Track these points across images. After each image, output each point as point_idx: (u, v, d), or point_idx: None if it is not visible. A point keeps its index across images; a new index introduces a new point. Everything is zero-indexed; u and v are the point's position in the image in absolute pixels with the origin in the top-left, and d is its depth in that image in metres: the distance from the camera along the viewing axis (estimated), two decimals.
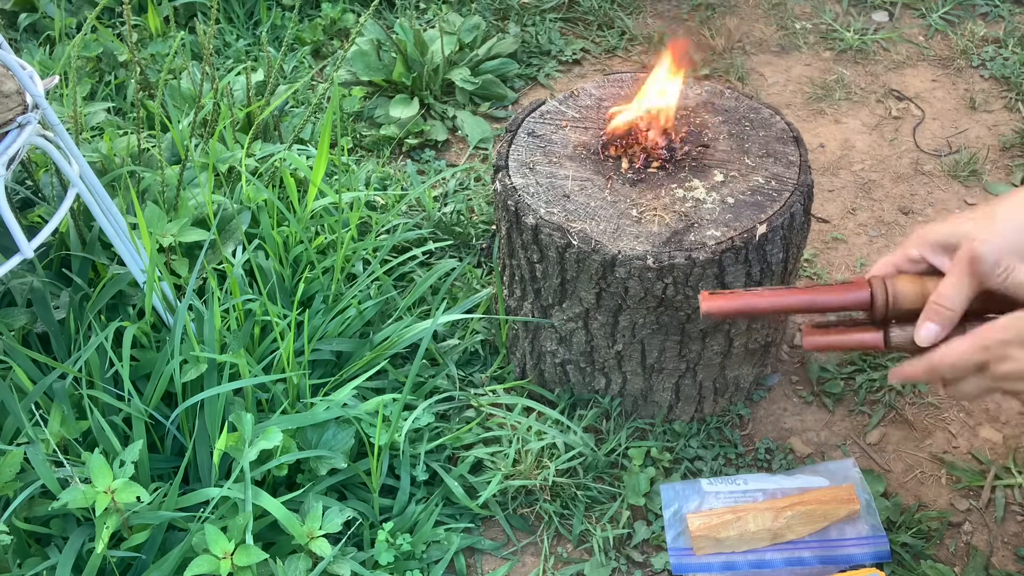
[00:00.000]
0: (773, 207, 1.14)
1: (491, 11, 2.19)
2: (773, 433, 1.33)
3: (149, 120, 1.70)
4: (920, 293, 0.89)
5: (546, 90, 2.02)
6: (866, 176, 1.76)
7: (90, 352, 1.19)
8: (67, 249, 1.37)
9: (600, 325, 1.20)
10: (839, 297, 0.91)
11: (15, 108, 1.06)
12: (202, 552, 1.04)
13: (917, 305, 0.89)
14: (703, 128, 1.27)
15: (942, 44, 2.07)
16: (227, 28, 2.16)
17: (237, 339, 1.25)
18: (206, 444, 1.16)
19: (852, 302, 0.91)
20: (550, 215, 1.15)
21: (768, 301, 0.92)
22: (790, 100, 1.95)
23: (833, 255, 1.60)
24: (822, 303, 0.91)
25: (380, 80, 1.97)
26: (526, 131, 1.28)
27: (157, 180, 1.43)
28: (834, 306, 0.92)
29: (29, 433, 1.12)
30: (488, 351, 1.43)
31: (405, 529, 1.19)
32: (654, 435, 1.31)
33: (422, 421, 1.25)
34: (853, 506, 1.16)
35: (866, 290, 0.90)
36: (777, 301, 0.92)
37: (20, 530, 1.08)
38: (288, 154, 1.51)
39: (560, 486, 1.24)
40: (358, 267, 1.47)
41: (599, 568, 1.18)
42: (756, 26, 2.16)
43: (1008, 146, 1.80)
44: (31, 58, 1.96)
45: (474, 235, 1.61)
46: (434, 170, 1.80)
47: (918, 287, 0.90)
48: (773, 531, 1.15)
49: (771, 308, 0.92)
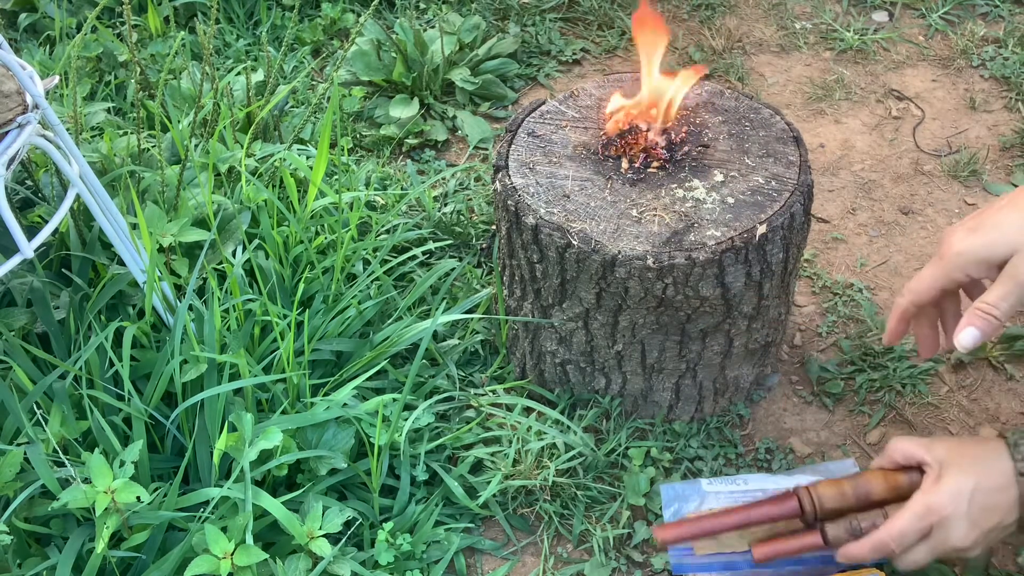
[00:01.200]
0: (773, 207, 1.14)
1: (491, 11, 2.19)
2: (773, 433, 1.33)
3: (149, 120, 1.70)
4: (840, 493, 1.04)
5: (546, 90, 2.02)
6: (866, 176, 1.76)
7: (90, 352, 1.19)
8: (67, 249, 1.37)
9: (600, 325, 1.20)
10: (773, 510, 1.06)
11: (15, 108, 1.06)
12: (202, 552, 1.04)
13: (839, 504, 1.04)
14: (703, 128, 1.27)
15: (942, 44, 2.07)
16: (227, 28, 2.16)
17: (237, 339, 1.25)
18: (206, 444, 1.16)
19: (785, 512, 1.05)
20: (550, 215, 1.15)
21: (712, 524, 1.06)
22: (790, 100, 1.95)
23: (833, 255, 1.60)
24: (758, 517, 1.06)
25: (380, 80, 1.97)
26: (526, 131, 1.28)
27: (157, 180, 1.43)
28: (770, 518, 1.06)
29: (29, 433, 1.12)
30: (488, 351, 1.43)
31: (405, 529, 1.19)
32: (654, 435, 1.31)
33: (422, 421, 1.26)
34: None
35: (794, 500, 1.05)
36: (719, 523, 1.06)
37: (20, 530, 1.08)
38: (288, 154, 1.51)
39: (560, 486, 1.24)
40: (358, 267, 1.47)
41: (599, 568, 1.18)
42: (756, 26, 2.16)
43: (1008, 146, 1.80)
44: (31, 58, 1.96)
45: (474, 235, 1.61)
46: (434, 170, 1.80)
47: (837, 489, 1.05)
48: (772, 531, 1.15)
49: (716, 529, 1.06)
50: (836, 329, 1.47)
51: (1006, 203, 0.91)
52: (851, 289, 1.53)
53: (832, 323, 1.48)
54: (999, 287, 0.88)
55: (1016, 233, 0.87)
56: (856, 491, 1.05)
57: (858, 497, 1.05)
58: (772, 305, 1.23)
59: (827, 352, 1.44)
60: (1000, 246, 0.88)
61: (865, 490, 1.05)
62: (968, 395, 1.37)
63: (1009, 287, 0.87)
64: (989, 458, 0.94)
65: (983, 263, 0.90)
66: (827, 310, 1.50)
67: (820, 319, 1.49)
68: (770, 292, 1.20)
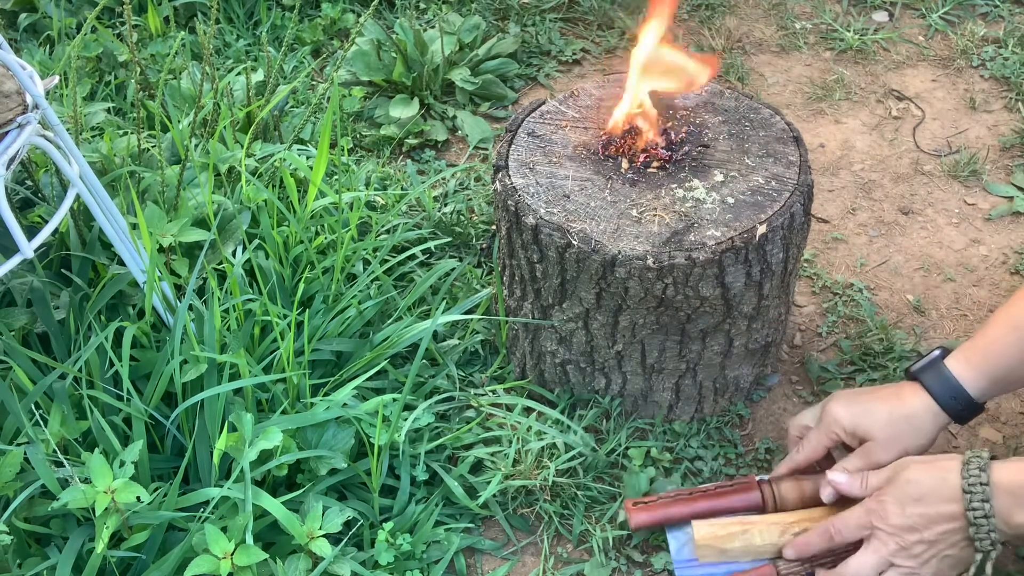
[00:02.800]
0: (773, 207, 1.14)
1: (491, 11, 2.19)
2: (773, 433, 1.33)
3: (149, 120, 1.70)
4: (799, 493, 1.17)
5: (546, 90, 2.02)
6: (866, 176, 1.76)
7: (90, 352, 1.19)
8: (67, 249, 1.37)
9: (600, 325, 1.20)
10: (737, 500, 1.17)
11: (15, 108, 1.06)
12: (202, 552, 1.04)
13: (797, 504, 1.16)
14: (703, 128, 1.27)
15: (942, 44, 2.07)
16: (227, 28, 2.16)
17: (237, 339, 1.25)
18: (206, 444, 1.16)
19: (748, 503, 1.17)
20: (550, 215, 1.15)
21: (681, 510, 1.17)
22: (790, 100, 1.95)
23: (833, 255, 1.60)
24: (723, 506, 1.17)
25: (380, 80, 1.97)
26: (526, 131, 1.28)
27: (157, 180, 1.43)
28: (734, 508, 1.17)
29: (29, 433, 1.12)
30: (488, 351, 1.43)
31: (405, 529, 1.19)
32: (654, 435, 1.31)
33: (422, 421, 1.25)
34: None
35: (757, 492, 1.17)
36: (688, 509, 1.17)
37: (20, 530, 1.08)
38: (288, 154, 1.51)
39: (560, 486, 1.24)
40: (358, 267, 1.47)
41: (599, 568, 1.18)
42: (756, 26, 2.16)
43: (1008, 146, 1.80)
44: (31, 58, 1.96)
45: (474, 235, 1.61)
46: (434, 170, 1.80)
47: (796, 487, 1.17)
48: (779, 547, 1.14)
49: (685, 515, 1.17)
50: (836, 329, 1.47)
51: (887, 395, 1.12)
52: (851, 289, 1.53)
53: (832, 323, 1.48)
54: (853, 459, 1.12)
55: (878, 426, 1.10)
56: (814, 491, 1.16)
57: (815, 497, 1.15)
58: (772, 305, 1.23)
59: (827, 352, 1.44)
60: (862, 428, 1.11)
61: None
62: None
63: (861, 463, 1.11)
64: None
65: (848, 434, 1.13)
66: (827, 310, 1.50)
67: (820, 319, 1.49)
68: (770, 292, 1.20)
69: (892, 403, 1.11)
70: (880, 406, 1.11)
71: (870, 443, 1.10)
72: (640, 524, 1.17)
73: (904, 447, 1.08)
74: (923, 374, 1.10)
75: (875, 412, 1.11)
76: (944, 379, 1.08)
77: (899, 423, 1.09)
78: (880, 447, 1.09)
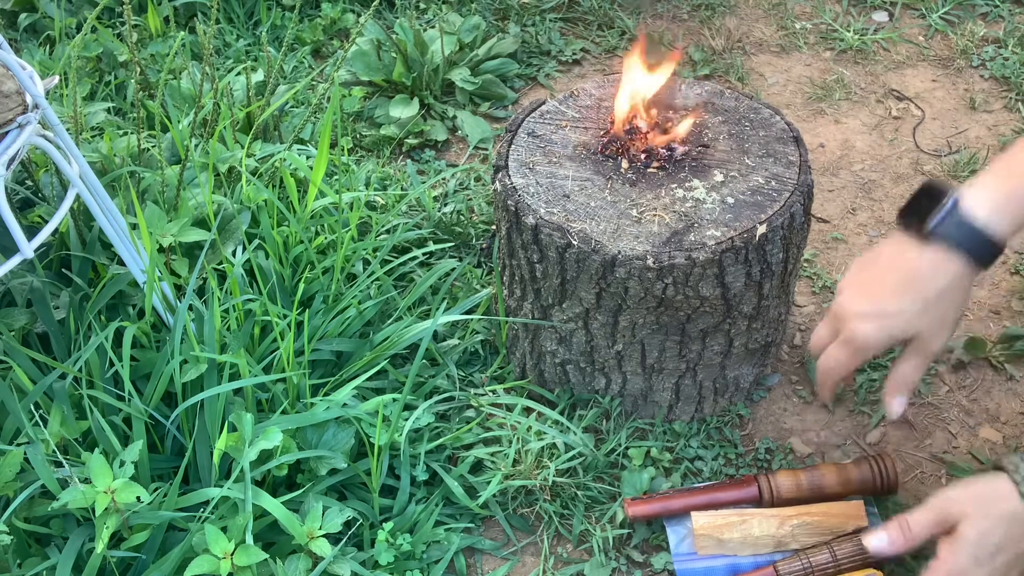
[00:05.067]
0: (773, 207, 1.14)
1: (491, 11, 2.19)
2: (773, 433, 1.33)
3: (149, 120, 1.70)
4: (796, 483, 1.18)
5: (546, 90, 2.02)
6: (866, 176, 1.76)
7: (90, 352, 1.19)
8: (67, 249, 1.37)
9: (600, 325, 1.20)
10: (735, 493, 1.19)
11: (15, 108, 1.06)
12: (202, 552, 1.04)
13: (795, 494, 1.17)
14: (703, 128, 1.27)
15: (942, 44, 2.07)
16: (227, 28, 2.16)
17: (237, 339, 1.25)
18: (206, 444, 1.16)
19: (745, 497, 1.18)
20: (550, 215, 1.15)
21: (680, 503, 1.18)
22: (790, 100, 1.95)
23: (833, 255, 1.60)
24: (722, 500, 1.18)
25: (380, 80, 1.97)
26: (526, 131, 1.28)
27: (157, 180, 1.43)
28: (732, 501, 1.18)
29: (29, 433, 1.12)
30: (488, 351, 1.43)
31: (405, 529, 1.19)
32: (654, 435, 1.31)
33: (422, 421, 1.26)
34: (861, 523, 1.15)
35: (754, 486, 1.18)
36: (686, 502, 1.18)
37: (20, 530, 1.08)
38: (288, 154, 1.51)
39: (560, 486, 1.24)
40: (358, 267, 1.47)
41: (599, 568, 1.18)
42: (756, 26, 2.16)
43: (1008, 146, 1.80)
44: (31, 58, 1.96)
45: (474, 235, 1.61)
46: (434, 170, 1.80)
47: (793, 479, 1.18)
48: (777, 538, 1.15)
49: (683, 508, 1.18)
50: None
51: (906, 279, 0.98)
52: None
53: None
54: (909, 364, 1.02)
55: (916, 318, 0.97)
56: (811, 483, 1.18)
57: (812, 488, 1.18)
58: (772, 305, 1.23)
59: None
60: (900, 332, 0.99)
61: (819, 483, 1.18)
62: (968, 395, 1.37)
63: (920, 360, 1.01)
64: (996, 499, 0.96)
65: (889, 345, 1.01)
66: (827, 310, 1.50)
67: (820, 319, 1.49)
68: (770, 292, 1.20)
69: (919, 287, 0.97)
70: (906, 298, 0.97)
71: (916, 342, 0.99)
72: (637, 515, 1.18)
73: (951, 327, 0.98)
74: (949, 233, 0.95)
75: (905, 310, 0.97)
76: (975, 234, 0.94)
77: (938, 305, 0.97)
78: (929, 339, 0.98)
